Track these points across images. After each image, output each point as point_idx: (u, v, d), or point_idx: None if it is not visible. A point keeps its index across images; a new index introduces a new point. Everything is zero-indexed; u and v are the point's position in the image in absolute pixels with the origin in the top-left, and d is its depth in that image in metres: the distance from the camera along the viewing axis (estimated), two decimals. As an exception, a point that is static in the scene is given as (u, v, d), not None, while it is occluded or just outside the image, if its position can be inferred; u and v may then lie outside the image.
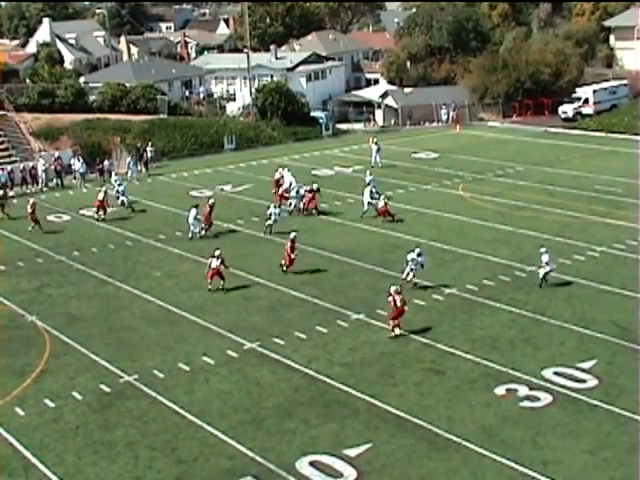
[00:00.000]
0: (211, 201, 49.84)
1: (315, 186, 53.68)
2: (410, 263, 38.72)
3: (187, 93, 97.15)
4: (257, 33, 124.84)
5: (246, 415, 28.21)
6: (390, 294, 33.81)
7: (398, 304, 33.59)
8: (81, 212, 56.34)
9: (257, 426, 27.42)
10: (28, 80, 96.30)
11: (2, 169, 64.40)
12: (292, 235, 42.06)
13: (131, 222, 52.93)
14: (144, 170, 68.43)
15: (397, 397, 28.95)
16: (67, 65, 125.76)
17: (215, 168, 68.97)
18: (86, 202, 58.44)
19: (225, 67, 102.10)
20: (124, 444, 26.77)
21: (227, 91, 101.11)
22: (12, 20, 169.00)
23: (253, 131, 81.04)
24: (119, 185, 56.90)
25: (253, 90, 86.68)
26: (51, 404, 29.60)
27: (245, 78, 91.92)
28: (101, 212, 53.75)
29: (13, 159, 68.64)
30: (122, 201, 56.04)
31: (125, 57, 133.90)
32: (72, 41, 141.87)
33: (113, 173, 62.53)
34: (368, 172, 56.27)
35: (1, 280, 43.21)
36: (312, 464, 25.08)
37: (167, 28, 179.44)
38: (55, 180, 65.38)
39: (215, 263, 39.45)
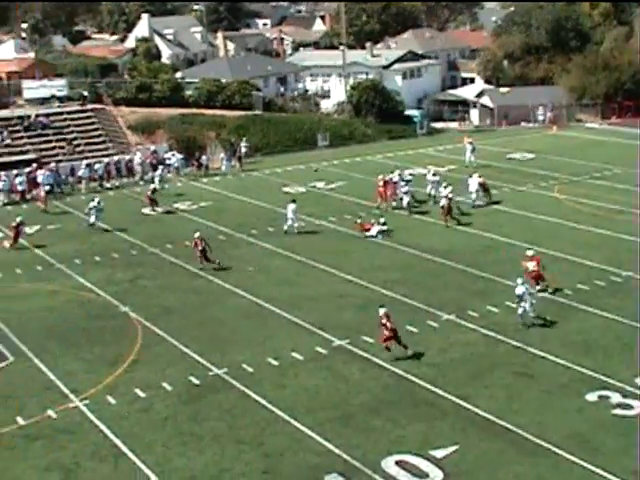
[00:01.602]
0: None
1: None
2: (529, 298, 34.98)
3: (282, 89, 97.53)
4: (353, 30, 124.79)
5: (334, 412, 28.21)
6: (380, 316, 32.07)
7: (389, 326, 31.93)
8: (175, 205, 56.99)
9: (344, 423, 27.40)
10: (126, 74, 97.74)
11: (99, 162, 65.45)
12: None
13: (224, 217, 53.33)
14: (238, 165, 68.95)
15: (486, 399, 28.66)
16: (164, 60, 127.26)
17: (308, 165, 69.13)
18: (181, 195, 59.14)
19: (320, 64, 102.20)
20: (212, 436, 26.98)
21: (322, 88, 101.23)
22: (112, 15, 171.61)
23: (347, 128, 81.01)
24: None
25: (348, 87, 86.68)
26: (142, 394, 29.99)
27: (340, 75, 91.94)
28: (155, 207, 55.31)
29: (110, 152, 69.77)
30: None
31: (221, 53, 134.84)
32: (170, 37, 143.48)
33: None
34: (432, 172, 55.99)
35: (96, 271, 43.95)
36: (398, 463, 24.95)
37: (263, 24, 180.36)
38: (151, 173, 66.21)
39: None
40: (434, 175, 55.16)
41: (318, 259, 43.83)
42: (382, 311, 32.22)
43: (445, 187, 50.36)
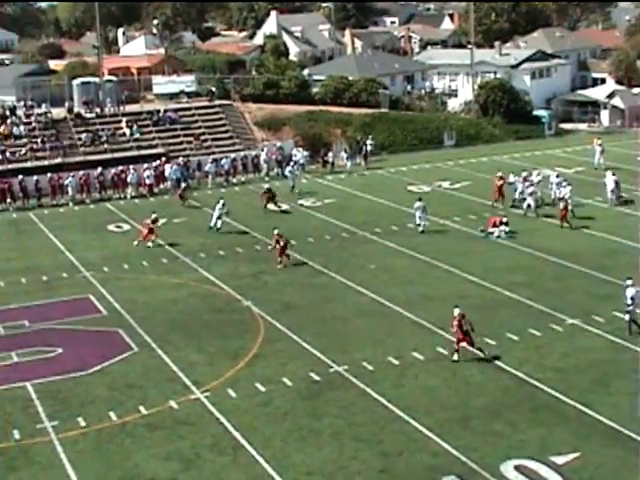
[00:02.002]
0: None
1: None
2: None
3: (409, 88, 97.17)
4: (482, 29, 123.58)
5: (453, 413, 27.96)
6: (455, 317, 31.88)
7: (465, 328, 31.64)
8: (299, 202, 57.34)
9: (463, 425, 27.13)
10: (254, 71, 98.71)
11: (226, 157, 66.28)
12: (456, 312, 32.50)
13: (348, 214, 53.40)
14: (363, 163, 68.99)
15: (610, 407, 27.99)
16: (292, 57, 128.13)
17: (434, 164, 68.77)
18: (305, 192, 59.49)
19: (448, 63, 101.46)
20: (330, 433, 27.02)
21: (449, 87, 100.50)
22: (241, 12, 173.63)
23: (474, 128, 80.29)
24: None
25: (475, 86, 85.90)
26: (262, 388, 30.23)
27: (468, 74, 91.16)
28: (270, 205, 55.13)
29: (236, 148, 70.60)
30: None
31: (349, 50, 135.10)
32: (298, 34, 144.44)
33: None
34: (555, 174, 54.95)
35: (220, 265, 44.51)
36: (517, 468, 24.58)
37: (391, 22, 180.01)
38: (276, 170, 66.79)
39: None
40: (557, 177, 54.34)
41: (441, 259, 43.54)
42: (456, 312, 31.84)
43: (564, 187, 50.06)
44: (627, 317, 33.65)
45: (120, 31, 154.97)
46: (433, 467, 24.81)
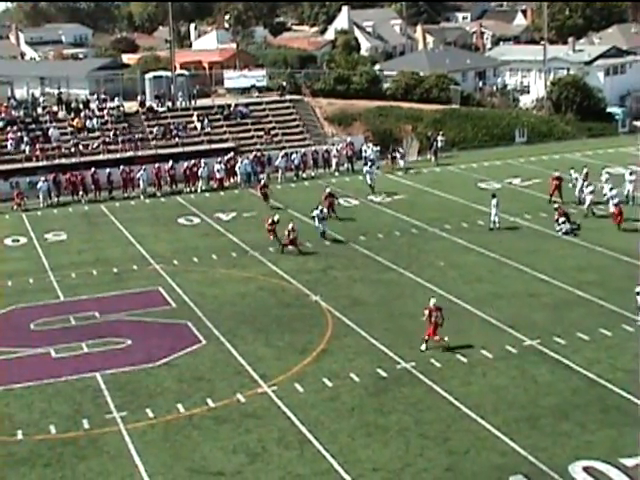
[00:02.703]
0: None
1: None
2: None
3: (480, 84, 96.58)
4: (555, 25, 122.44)
5: (521, 412, 27.68)
6: (428, 307, 32.55)
7: (433, 320, 32.17)
8: (369, 197, 57.26)
9: (531, 425, 26.85)
10: (325, 66, 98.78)
11: (296, 152, 66.40)
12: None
13: (418, 210, 53.19)
14: (433, 159, 68.69)
15: (683, 409, 27.55)
16: (363, 52, 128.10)
17: (505, 161, 68.20)
18: (375, 188, 59.38)
19: (520, 59, 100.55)
20: (397, 429, 26.93)
21: (521, 83, 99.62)
22: (313, 7, 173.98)
23: (546, 125, 79.41)
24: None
25: (548, 83, 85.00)
26: (329, 383, 30.23)
27: (540, 71, 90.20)
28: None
29: (307, 143, 70.71)
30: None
31: (420, 46, 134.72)
32: (369, 29, 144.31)
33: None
34: (629, 172, 54.24)
35: (289, 259, 44.59)
36: (586, 469, 24.26)
37: (463, 18, 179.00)
38: (346, 165, 66.75)
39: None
40: (631, 174, 53.56)
41: (511, 256, 43.16)
42: (431, 302, 32.62)
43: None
44: None
45: (192, 26, 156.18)
46: (500, 466, 24.60)
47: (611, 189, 49.67)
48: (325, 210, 49.68)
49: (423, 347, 32.52)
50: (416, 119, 76.06)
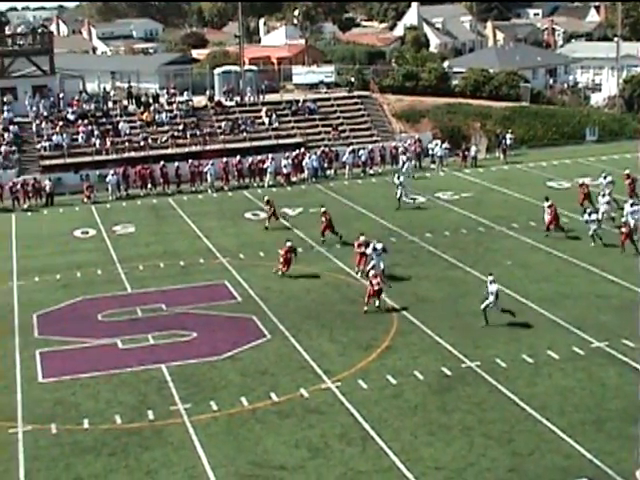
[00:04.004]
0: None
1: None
2: None
3: (551, 81, 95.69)
4: (629, 21, 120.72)
5: (587, 415, 27.33)
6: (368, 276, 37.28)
7: (374, 285, 36.16)
8: (436, 195, 57.01)
9: (598, 428, 26.49)
10: (394, 62, 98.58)
11: (363, 148, 66.30)
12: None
13: (485, 208, 52.84)
14: (502, 157, 68.20)
15: None
16: (432, 49, 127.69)
17: (574, 159, 67.44)
18: (443, 185, 59.19)
19: (592, 56, 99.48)
20: (460, 429, 26.76)
21: (593, 81, 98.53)
22: (382, 4, 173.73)
23: (617, 123, 78.35)
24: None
25: (620, 81, 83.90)
26: (393, 380, 30.14)
27: (613, 68, 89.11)
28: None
29: (374, 139, 70.59)
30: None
31: (490, 43, 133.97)
32: (439, 25, 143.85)
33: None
34: (603, 174, 53.22)
35: (354, 255, 44.51)
36: (654, 475, 23.93)
37: (534, 14, 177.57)
38: (414, 162, 66.51)
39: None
40: (606, 177, 52.44)
41: (579, 256, 42.66)
42: (371, 273, 37.06)
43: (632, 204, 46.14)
44: None
45: (261, 21, 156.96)
46: (565, 469, 24.31)
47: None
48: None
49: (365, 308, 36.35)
50: (485, 116, 75.54)
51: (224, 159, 63.03)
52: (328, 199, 56.89)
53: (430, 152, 67.03)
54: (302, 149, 65.66)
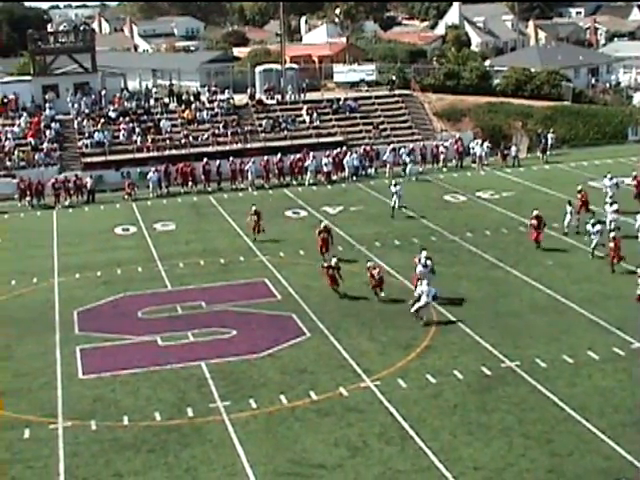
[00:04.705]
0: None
1: None
2: None
3: (593, 81, 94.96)
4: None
5: (628, 416, 27.12)
6: (368, 269, 38.21)
7: (376, 276, 37.55)
8: (477, 194, 56.80)
9: (638, 429, 26.27)
10: (435, 61, 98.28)
11: (404, 147, 66.15)
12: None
13: (525, 208, 52.43)
14: (542, 156, 67.81)
15: None
16: (473, 48, 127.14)
17: (616, 159, 66.88)
18: (484, 185, 58.95)
19: (635, 55, 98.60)
20: (499, 429, 26.66)
21: (635, 80, 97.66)
22: (423, 2, 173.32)
23: (660, 123, 77.67)
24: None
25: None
26: (432, 380, 30.08)
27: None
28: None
29: (415, 138, 70.43)
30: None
31: (532, 42, 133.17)
32: (480, 24, 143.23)
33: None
34: (609, 176, 52.47)
35: (395, 254, 44.52)
36: (695, 477, 23.72)
37: (577, 13, 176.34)
38: (454, 161, 66.32)
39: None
40: (611, 179, 51.77)
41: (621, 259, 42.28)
42: (369, 264, 38.44)
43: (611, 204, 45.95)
44: None
45: (303, 20, 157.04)
46: (604, 470, 24.16)
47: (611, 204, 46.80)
48: None
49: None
50: (526, 116, 75.14)
51: (265, 157, 63.16)
52: (369, 197, 56.90)
53: (471, 151, 66.77)
54: (344, 147, 65.64)
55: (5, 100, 70.30)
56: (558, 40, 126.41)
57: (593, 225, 42.80)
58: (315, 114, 71.66)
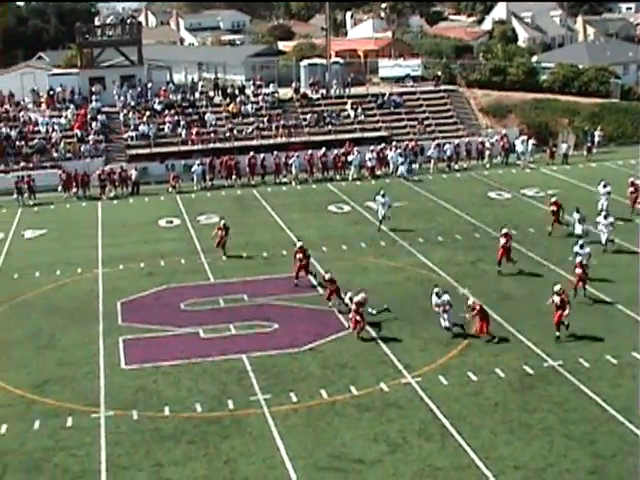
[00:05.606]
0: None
1: None
2: None
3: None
4: None
5: (672, 418, 26.90)
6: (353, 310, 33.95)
7: (358, 319, 33.49)
8: (522, 191, 56.43)
9: (683, 431, 26.07)
10: (481, 57, 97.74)
11: (449, 143, 65.87)
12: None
13: (570, 205, 51.89)
14: (588, 154, 67.23)
15: None
16: (520, 43, 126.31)
17: (664, 158, 66.20)
18: (528, 182, 58.56)
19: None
20: (541, 428, 26.49)
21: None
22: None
23: None
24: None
25: None
26: (473, 377, 29.94)
27: None
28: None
29: (460, 134, 70.10)
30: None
31: (580, 38, 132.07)
32: (528, 20, 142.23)
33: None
34: (602, 183, 51.33)
35: (438, 250, 44.35)
36: None
37: (627, 9, 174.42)
38: (500, 157, 65.91)
39: None
40: (605, 186, 50.80)
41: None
42: (356, 299, 33.75)
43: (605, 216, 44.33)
44: None
45: (348, 14, 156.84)
46: (648, 472, 23.95)
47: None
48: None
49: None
50: (573, 113, 74.51)
51: (309, 151, 63.15)
52: (412, 193, 56.74)
53: (516, 148, 66.30)
54: (392, 142, 65.50)
55: (52, 92, 70.85)
56: (607, 36, 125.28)
57: (581, 247, 39.33)
58: (359, 109, 71.56)
